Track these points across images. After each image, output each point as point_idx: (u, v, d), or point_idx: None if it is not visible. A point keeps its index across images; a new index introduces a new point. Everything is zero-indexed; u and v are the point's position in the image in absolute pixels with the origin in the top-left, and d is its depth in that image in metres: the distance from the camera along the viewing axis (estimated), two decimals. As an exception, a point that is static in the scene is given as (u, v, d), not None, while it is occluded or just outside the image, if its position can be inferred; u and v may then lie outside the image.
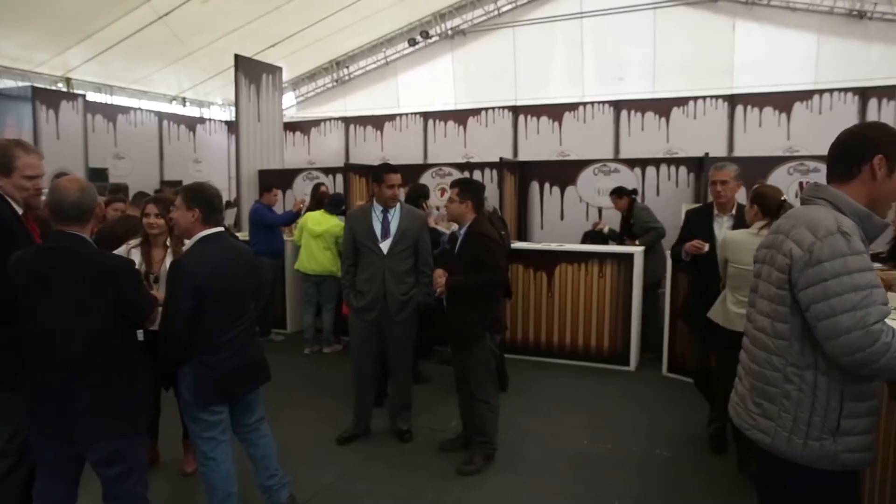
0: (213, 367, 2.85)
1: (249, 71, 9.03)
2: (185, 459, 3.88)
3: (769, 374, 1.87)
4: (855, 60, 9.98)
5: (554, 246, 6.28)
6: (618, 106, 10.28)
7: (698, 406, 4.57)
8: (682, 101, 9.99)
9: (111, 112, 11.51)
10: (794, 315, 1.81)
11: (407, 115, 11.95)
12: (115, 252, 3.28)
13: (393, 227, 4.14)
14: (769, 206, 3.51)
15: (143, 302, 2.68)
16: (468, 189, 3.91)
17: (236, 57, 8.86)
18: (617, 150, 10.07)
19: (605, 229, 6.63)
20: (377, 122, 12.24)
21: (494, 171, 7.57)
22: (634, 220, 6.24)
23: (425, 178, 8.06)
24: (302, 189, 9.02)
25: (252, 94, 9.05)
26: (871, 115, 8.85)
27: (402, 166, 6.82)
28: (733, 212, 4.23)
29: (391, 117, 12.13)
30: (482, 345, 3.84)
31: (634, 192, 6.49)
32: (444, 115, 11.64)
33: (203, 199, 2.88)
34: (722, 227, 4.22)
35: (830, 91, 9.35)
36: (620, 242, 6.38)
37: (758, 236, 3.34)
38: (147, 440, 3.01)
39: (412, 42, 12.81)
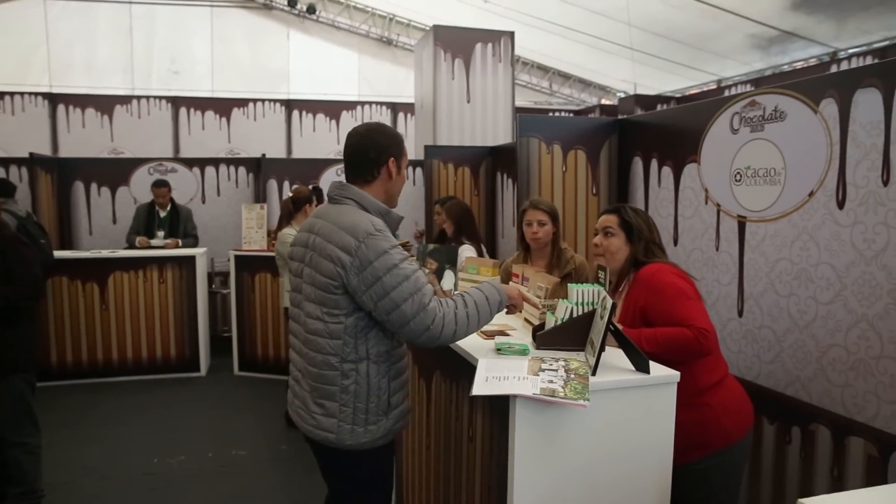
0: None
1: None
2: None
3: (328, 373, 1.95)
4: (388, 79, 11.66)
5: (106, 253, 5.67)
6: (176, 102, 9.82)
7: (270, 399, 4.79)
8: (242, 103, 10.09)
9: None
10: (349, 315, 1.94)
11: None
12: None
13: None
14: (299, 203, 4.38)
15: None
16: None
17: None
18: (177, 148, 9.63)
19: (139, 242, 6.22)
20: None
21: (24, 169, 6.38)
22: (183, 220, 6.09)
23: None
24: None
25: None
26: (400, 127, 10.44)
27: None
28: None
29: None
30: (13, 376, 3.22)
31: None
32: (-51, 98, 9.32)
33: None
34: None
35: (370, 103, 10.68)
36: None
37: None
38: None
39: None
